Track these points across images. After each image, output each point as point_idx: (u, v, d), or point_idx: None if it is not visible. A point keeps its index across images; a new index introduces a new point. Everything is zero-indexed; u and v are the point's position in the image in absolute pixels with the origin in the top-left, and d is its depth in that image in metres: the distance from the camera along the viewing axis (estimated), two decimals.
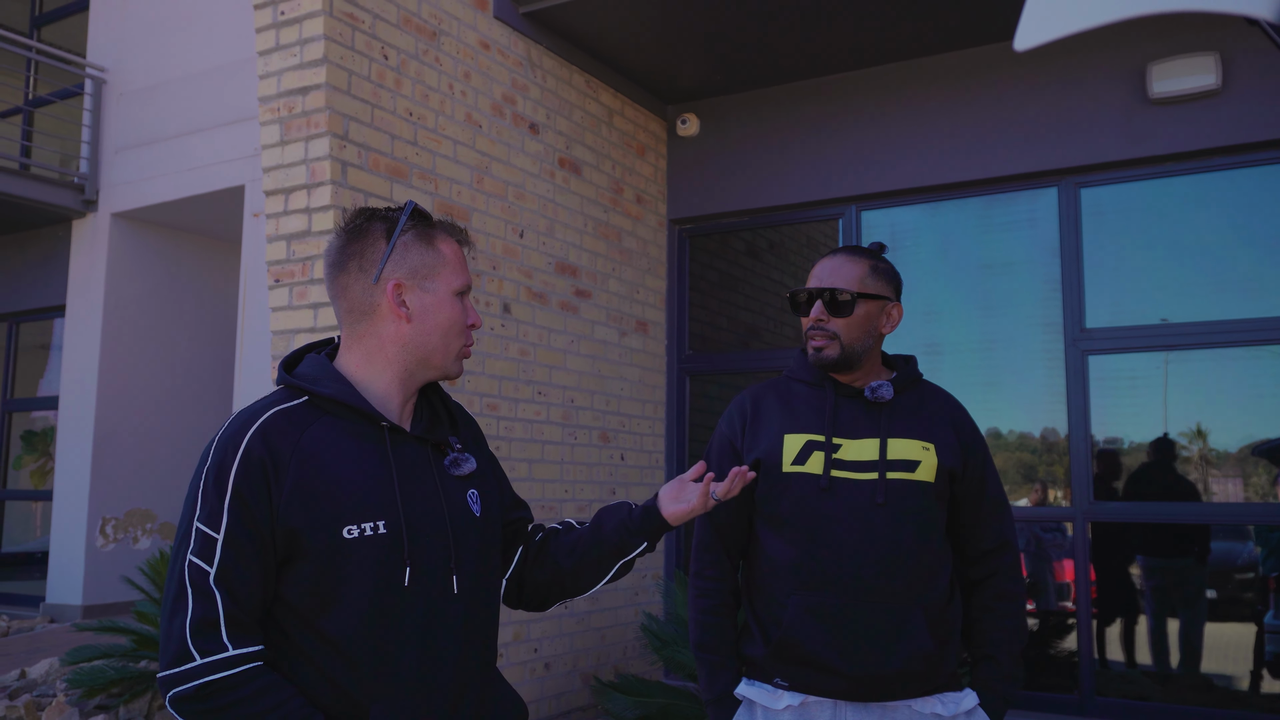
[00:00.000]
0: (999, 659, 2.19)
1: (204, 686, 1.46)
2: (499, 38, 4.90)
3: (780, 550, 2.15)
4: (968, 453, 2.22)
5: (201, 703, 1.47)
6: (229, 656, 1.47)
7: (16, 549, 9.00)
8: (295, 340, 4.06)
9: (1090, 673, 4.80)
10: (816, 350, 2.19)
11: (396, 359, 1.67)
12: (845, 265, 2.21)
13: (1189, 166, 4.84)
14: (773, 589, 2.16)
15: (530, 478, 4.93)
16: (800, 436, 2.18)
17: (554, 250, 5.20)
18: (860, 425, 2.18)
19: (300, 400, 1.62)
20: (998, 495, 2.26)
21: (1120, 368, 4.92)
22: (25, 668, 5.92)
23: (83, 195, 8.03)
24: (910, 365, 2.32)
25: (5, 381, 9.13)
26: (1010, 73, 5.16)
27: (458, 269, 1.70)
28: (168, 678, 1.48)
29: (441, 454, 1.72)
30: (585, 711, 5.15)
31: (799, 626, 2.10)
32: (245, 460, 1.52)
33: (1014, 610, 2.23)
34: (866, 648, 2.07)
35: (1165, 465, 4.83)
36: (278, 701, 1.48)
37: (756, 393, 2.32)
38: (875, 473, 2.12)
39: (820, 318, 2.18)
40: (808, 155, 5.70)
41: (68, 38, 9.15)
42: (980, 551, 2.24)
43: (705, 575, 2.28)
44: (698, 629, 2.27)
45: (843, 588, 2.08)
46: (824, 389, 2.23)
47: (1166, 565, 4.84)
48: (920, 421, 2.20)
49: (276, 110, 4.08)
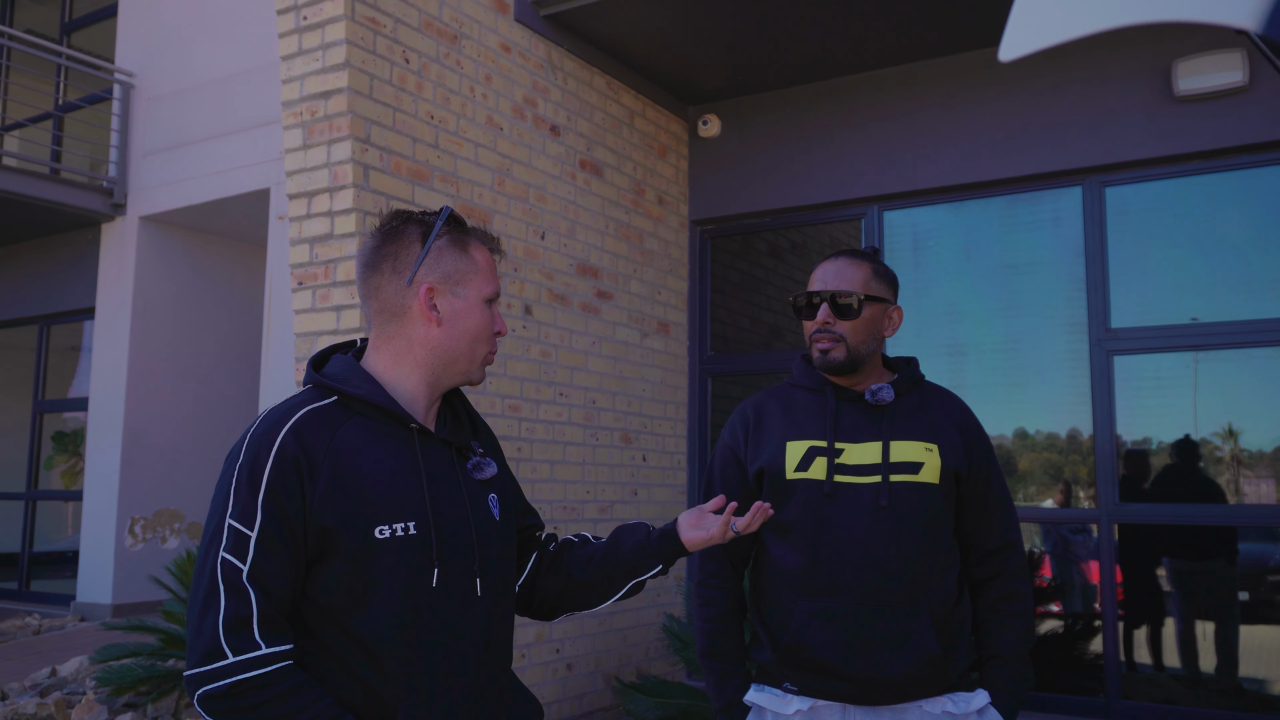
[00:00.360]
0: (1007, 658, 2.19)
1: (235, 685, 1.45)
2: (520, 40, 4.91)
3: (786, 556, 2.16)
4: (972, 452, 2.21)
5: (231, 701, 1.46)
6: (261, 655, 1.46)
7: (48, 548, 9.12)
8: (318, 342, 4.09)
9: (1116, 675, 4.75)
10: (823, 353, 2.19)
11: (424, 362, 1.67)
12: (848, 268, 2.22)
13: (1216, 164, 4.79)
14: (779, 595, 2.17)
15: (552, 479, 4.94)
16: (802, 443, 2.18)
17: (575, 252, 5.21)
18: (862, 429, 2.18)
19: (330, 400, 1.62)
20: (1002, 495, 2.26)
21: (1146, 368, 4.87)
22: (56, 665, 6.00)
23: (111, 199, 8.14)
24: (911, 367, 2.31)
25: (37, 383, 9.26)
26: (1034, 72, 5.12)
27: (489, 276, 1.71)
28: (197, 675, 1.46)
29: (464, 458, 1.73)
30: (607, 712, 5.15)
31: (806, 632, 2.11)
32: (280, 457, 1.52)
33: (1021, 610, 2.22)
34: (873, 652, 2.07)
35: (1192, 466, 4.78)
36: (307, 701, 1.48)
37: (758, 401, 2.33)
38: (878, 476, 2.12)
39: (827, 321, 2.18)
40: (830, 155, 5.68)
41: (97, 44, 9.27)
42: (985, 551, 2.23)
43: (710, 584, 2.29)
44: (705, 637, 2.28)
45: (848, 592, 2.09)
46: (824, 394, 2.23)
47: (1195, 568, 4.79)
48: (922, 423, 2.20)
49: (299, 114, 4.12)
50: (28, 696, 5.38)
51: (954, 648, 2.14)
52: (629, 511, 5.48)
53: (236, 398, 8.59)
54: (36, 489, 9.17)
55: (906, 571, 2.08)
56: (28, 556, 9.08)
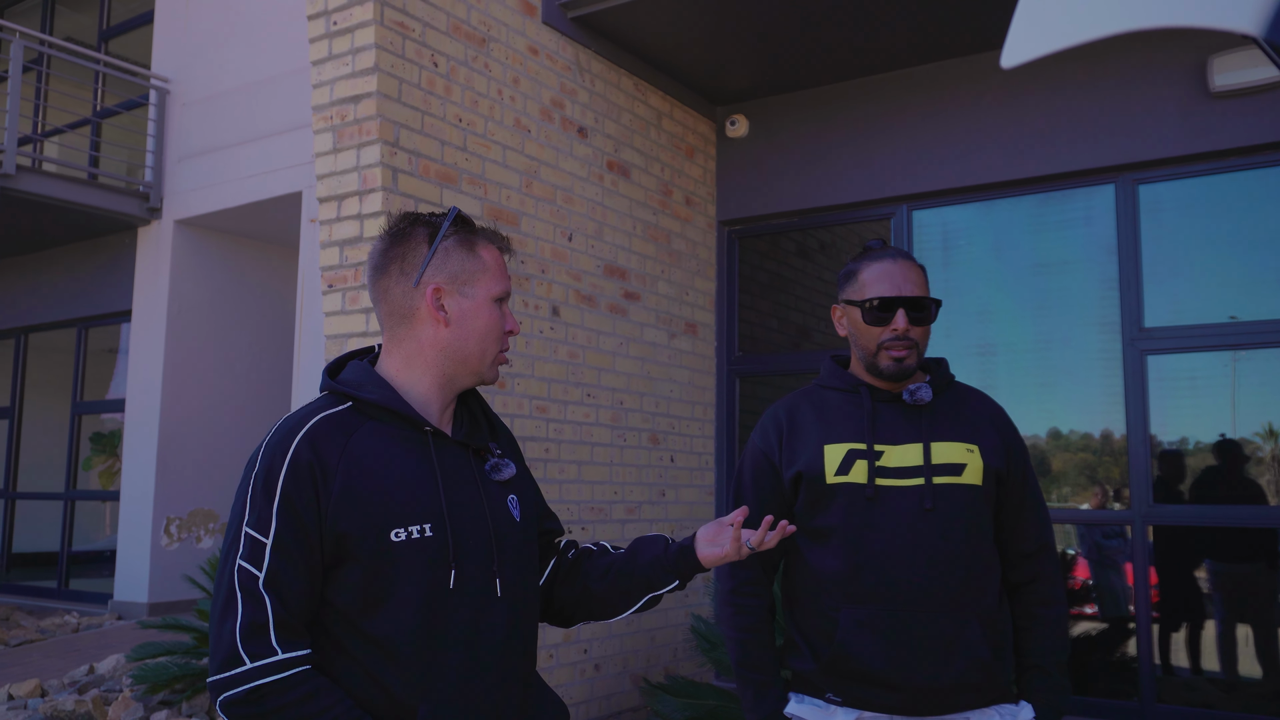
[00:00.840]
0: (1047, 669, 2.13)
1: (254, 690, 1.47)
2: (547, 43, 4.93)
3: (825, 562, 2.10)
4: (1010, 453, 2.16)
5: (252, 706, 1.48)
6: (278, 660, 1.48)
7: (86, 548, 9.27)
8: (348, 345, 4.13)
9: (1151, 679, 4.69)
10: (897, 361, 2.11)
11: (435, 363, 1.68)
12: (915, 270, 2.16)
13: (1253, 160, 4.71)
14: (819, 602, 2.11)
15: (579, 479, 4.95)
16: (841, 446, 2.11)
17: (603, 253, 5.22)
18: (901, 430, 2.12)
19: (345, 406, 1.64)
20: (1036, 496, 2.20)
21: (1181, 367, 4.80)
22: (94, 663, 6.10)
23: (147, 203, 8.26)
24: (943, 367, 2.25)
25: (75, 385, 9.42)
26: (1065, 69, 5.07)
27: (497, 275, 1.71)
28: (218, 682, 1.49)
29: (482, 459, 1.73)
30: (635, 713, 5.16)
31: (851, 641, 2.04)
32: (293, 466, 1.54)
33: (1058, 616, 2.16)
34: (922, 659, 2.01)
35: (1229, 467, 4.70)
36: (327, 705, 1.49)
37: (790, 404, 2.26)
38: (921, 478, 2.06)
39: (906, 327, 2.10)
40: (858, 155, 5.66)
41: (133, 50, 9.41)
42: (1021, 554, 2.17)
43: (743, 592, 2.21)
44: (739, 648, 2.20)
45: (894, 598, 2.03)
46: (859, 395, 2.17)
47: (1232, 570, 4.71)
48: (962, 423, 2.14)
49: (329, 118, 4.16)
50: (67, 693, 5.47)
51: (1002, 654, 2.09)
52: (657, 512, 5.48)
53: (270, 399, 8.69)
54: (75, 489, 9.33)
55: (954, 576, 2.03)
56: (67, 556, 9.23)
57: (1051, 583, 2.17)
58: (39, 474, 9.76)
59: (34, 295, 9.68)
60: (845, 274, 2.22)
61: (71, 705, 5.01)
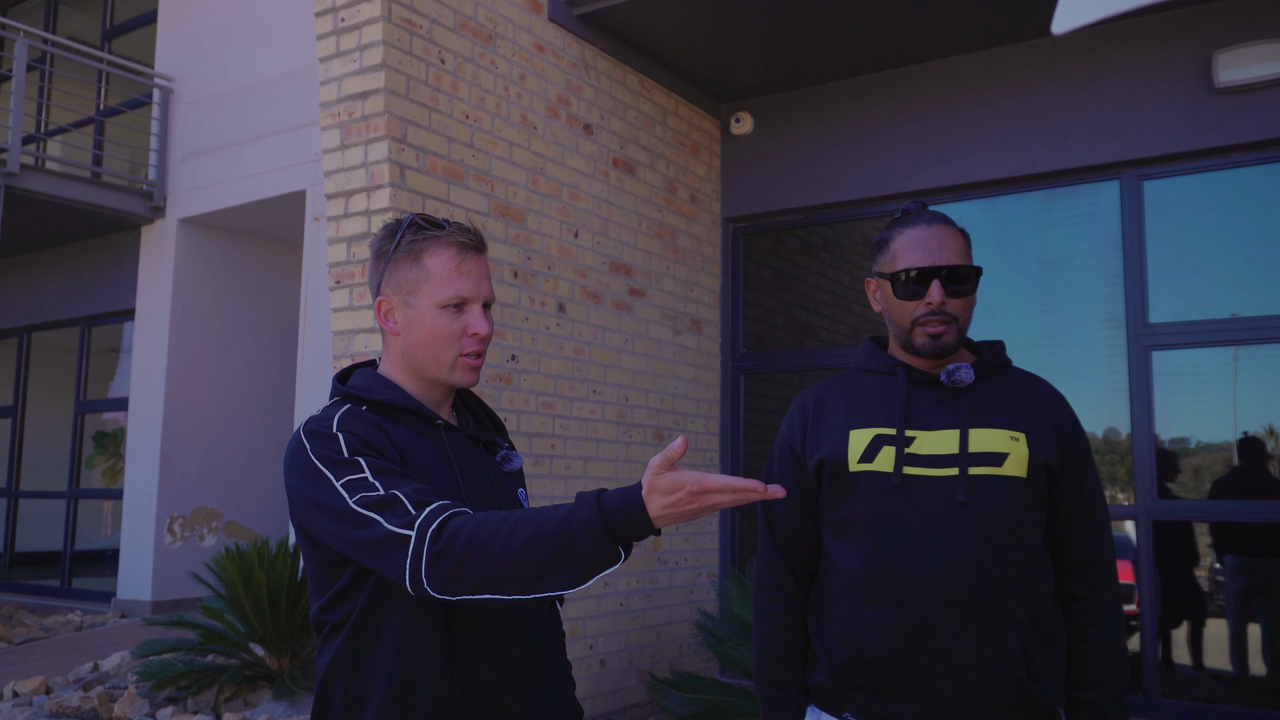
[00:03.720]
0: (1100, 703, 1.86)
1: (438, 527, 1.43)
2: (554, 40, 4.94)
3: (847, 559, 1.89)
4: (1066, 446, 1.90)
5: (436, 544, 1.42)
6: (434, 507, 1.46)
7: (89, 546, 9.27)
8: (355, 340, 4.14)
9: (1155, 674, 4.70)
10: (934, 338, 1.88)
11: (405, 369, 1.72)
12: (953, 236, 1.92)
13: (1259, 156, 4.72)
14: (840, 604, 1.90)
15: (585, 475, 4.96)
16: (868, 431, 1.90)
17: (608, 250, 5.23)
18: (937, 415, 1.89)
19: (360, 408, 1.69)
20: (1096, 498, 1.93)
21: (1185, 363, 4.81)
22: (98, 660, 6.11)
23: (151, 202, 8.27)
24: (997, 349, 2.00)
25: (78, 383, 9.42)
26: (1070, 65, 5.08)
27: (443, 281, 1.67)
28: (412, 556, 1.43)
29: (492, 452, 1.78)
30: (641, 708, 5.17)
31: (869, 647, 1.83)
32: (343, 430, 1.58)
33: (1114, 638, 1.89)
34: (948, 670, 1.78)
35: (1233, 462, 4.71)
36: (497, 520, 1.43)
37: (820, 389, 2.05)
38: (955, 468, 1.83)
39: (942, 300, 1.87)
40: (862, 152, 5.67)
41: (137, 49, 9.42)
42: (1074, 563, 1.91)
43: (765, 596, 2.02)
44: (757, 657, 2.02)
45: (919, 601, 1.80)
46: (895, 376, 1.95)
47: (1236, 565, 4.72)
48: (1009, 409, 1.90)
49: (337, 115, 4.17)
50: (72, 690, 5.47)
51: (1046, 674, 1.84)
52: None
53: (273, 397, 8.69)
54: (78, 488, 9.33)
55: (988, 578, 1.79)
56: (70, 554, 9.24)
57: (1108, 598, 1.91)
58: (42, 473, 9.76)
59: (38, 294, 9.69)
60: (877, 243, 1.99)
61: (77, 702, 5.01)
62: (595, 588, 4.91)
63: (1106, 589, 1.91)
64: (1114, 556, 1.94)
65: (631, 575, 5.22)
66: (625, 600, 5.17)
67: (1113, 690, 1.86)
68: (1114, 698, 1.86)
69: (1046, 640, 1.85)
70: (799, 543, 2.00)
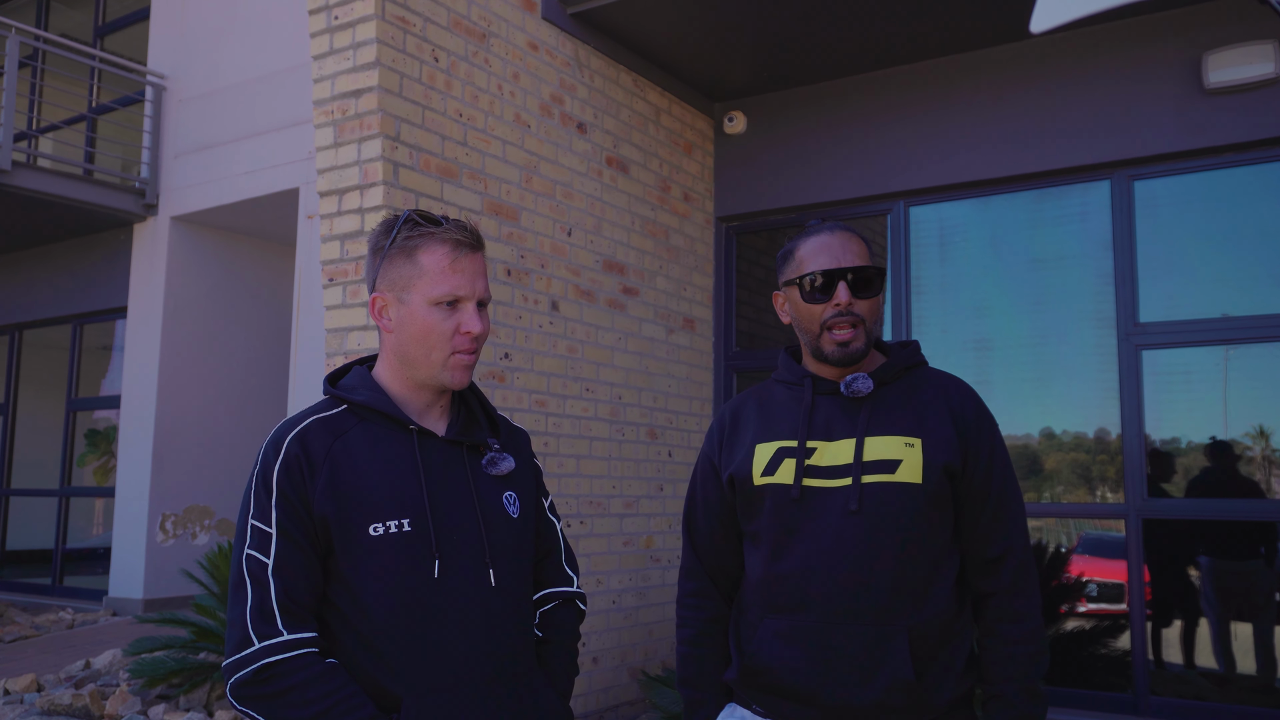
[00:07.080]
0: (1010, 697, 1.87)
1: (261, 670, 1.53)
2: (547, 38, 4.95)
3: (754, 569, 1.97)
4: (968, 444, 1.92)
5: (259, 687, 1.54)
6: (284, 640, 1.54)
7: (81, 544, 9.25)
8: (348, 338, 4.14)
9: (1144, 671, 4.72)
10: (842, 345, 1.92)
11: (396, 366, 1.74)
12: (856, 241, 1.96)
13: (1248, 157, 4.75)
14: (750, 612, 1.98)
15: (578, 473, 4.97)
16: (771, 445, 1.96)
17: (601, 248, 5.24)
18: (838, 425, 1.93)
19: (340, 409, 1.72)
20: (1005, 494, 1.94)
21: (1175, 362, 4.84)
22: (90, 658, 6.09)
23: (143, 199, 8.25)
24: (906, 350, 2.03)
25: (70, 381, 9.40)
26: (1062, 65, 5.10)
27: (436, 279, 1.68)
28: (230, 664, 1.56)
29: (478, 455, 1.78)
30: (633, 705, 5.18)
31: (768, 652, 1.90)
32: (285, 461, 1.63)
33: (1025, 634, 1.89)
34: (841, 675, 1.84)
35: (1222, 461, 4.74)
36: (331, 689, 1.54)
37: (737, 403, 2.11)
38: (849, 478, 1.88)
39: (849, 300, 1.90)
40: (855, 151, 5.68)
41: (129, 47, 9.40)
42: (983, 560, 1.92)
43: (684, 603, 2.10)
44: (678, 661, 2.09)
45: (814, 608, 1.86)
46: (803, 387, 1.99)
47: (1225, 564, 4.75)
48: (907, 414, 1.92)
49: (330, 113, 4.17)
50: (63, 688, 5.46)
51: (939, 675, 1.87)
52: (654, 506, 5.50)
53: (266, 395, 8.68)
54: (70, 486, 9.31)
55: (878, 585, 1.84)
56: (61, 552, 9.22)
57: (1017, 594, 1.91)
58: (33, 470, 9.74)
59: (29, 291, 9.66)
60: (783, 255, 2.03)
61: (69, 699, 5.01)
62: (588, 586, 4.92)
63: (1017, 585, 1.92)
64: (1028, 550, 1.95)
65: (624, 573, 5.24)
66: (618, 598, 5.18)
67: (1023, 684, 1.87)
68: (1025, 690, 1.87)
69: (945, 640, 1.88)
70: (718, 552, 2.07)
